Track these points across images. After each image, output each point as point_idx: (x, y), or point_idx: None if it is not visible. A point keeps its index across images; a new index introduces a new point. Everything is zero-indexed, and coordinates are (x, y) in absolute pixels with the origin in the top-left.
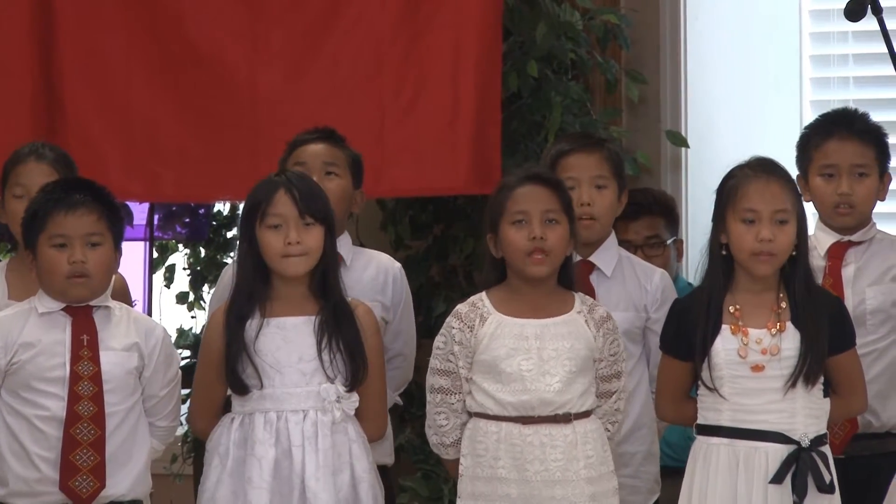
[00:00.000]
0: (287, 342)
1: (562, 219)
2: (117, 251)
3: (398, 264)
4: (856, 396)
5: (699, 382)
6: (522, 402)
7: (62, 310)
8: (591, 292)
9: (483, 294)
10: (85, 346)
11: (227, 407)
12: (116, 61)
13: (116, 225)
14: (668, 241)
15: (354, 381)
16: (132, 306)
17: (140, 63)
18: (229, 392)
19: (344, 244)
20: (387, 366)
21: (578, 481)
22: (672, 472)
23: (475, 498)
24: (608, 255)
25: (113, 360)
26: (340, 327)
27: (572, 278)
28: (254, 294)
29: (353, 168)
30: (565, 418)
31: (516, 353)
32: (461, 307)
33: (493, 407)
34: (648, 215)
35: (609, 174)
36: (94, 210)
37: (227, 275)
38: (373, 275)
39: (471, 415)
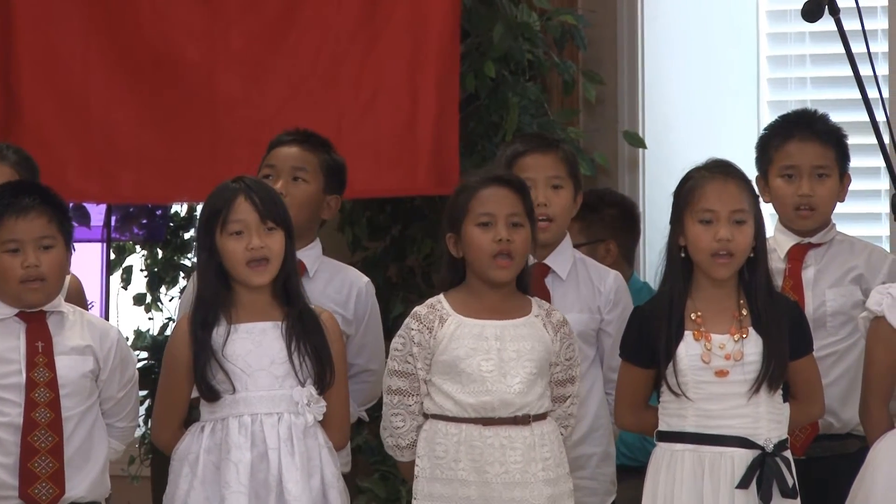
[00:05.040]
0: (257, 346)
1: (525, 222)
2: (69, 251)
3: (366, 279)
4: (814, 402)
5: (660, 390)
6: (483, 403)
7: (16, 315)
8: (546, 295)
9: (441, 296)
10: (40, 352)
11: (187, 421)
12: (74, 62)
13: (66, 225)
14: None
15: (322, 385)
16: (88, 308)
17: (98, 64)
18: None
19: (312, 254)
20: (353, 380)
21: (537, 483)
22: (629, 471)
23: (433, 499)
24: (563, 258)
25: (68, 364)
26: (307, 332)
27: (528, 281)
28: (217, 302)
29: (326, 173)
30: (524, 420)
31: (476, 353)
32: (419, 309)
33: (452, 408)
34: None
35: (565, 174)
36: (44, 213)
37: (192, 287)
38: (336, 288)
39: (427, 417)
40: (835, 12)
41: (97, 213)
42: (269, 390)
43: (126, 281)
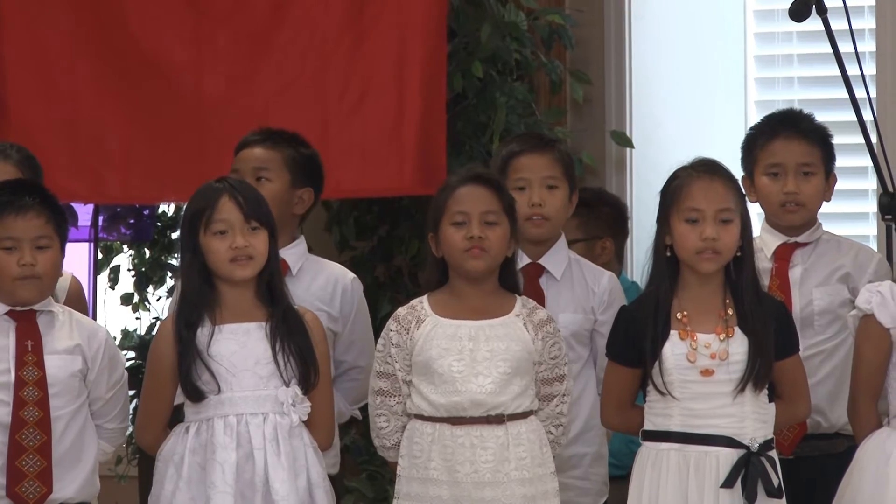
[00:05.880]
0: (242, 347)
1: (501, 220)
2: (63, 253)
3: (352, 275)
4: (800, 402)
5: (646, 389)
6: (454, 404)
7: (5, 314)
8: (540, 295)
9: (424, 297)
10: (29, 351)
11: (171, 422)
12: (62, 62)
13: (62, 227)
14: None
15: (307, 385)
16: (87, 311)
17: (86, 64)
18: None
19: (296, 252)
20: (342, 378)
21: (509, 483)
22: (617, 479)
23: (411, 499)
24: (558, 258)
25: (57, 363)
26: (291, 332)
27: (515, 280)
28: (200, 302)
29: (292, 168)
30: (498, 419)
31: (448, 353)
32: (400, 310)
33: (427, 408)
34: None
35: (560, 175)
36: (42, 213)
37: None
38: (321, 285)
39: (410, 417)
40: (822, 12)
41: (85, 212)
42: (254, 390)
43: (113, 281)
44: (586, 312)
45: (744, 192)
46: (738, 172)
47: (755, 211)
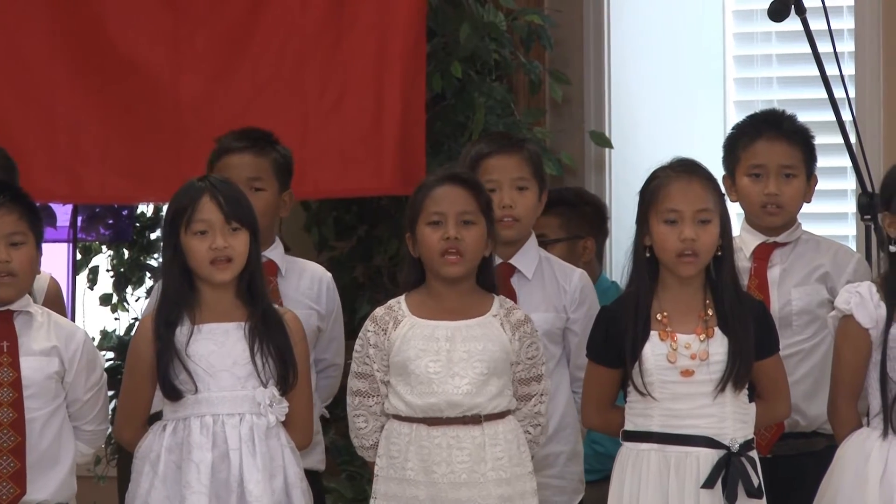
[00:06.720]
0: (220, 347)
1: (479, 220)
2: (39, 251)
3: (329, 274)
4: (780, 401)
5: (626, 390)
6: (430, 405)
7: None
8: (512, 295)
9: (402, 297)
10: (5, 352)
11: (150, 420)
12: (39, 63)
13: (37, 225)
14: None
15: (285, 386)
16: (65, 312)
17: (63, 64)
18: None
19: (278, 253)
20: (319, 375)
21: (486, 483)
22: (592, 483)
23: (388, 499)
24: (529, 258)
25: (33, 365)
26: (270, 333)
27: (492, 280)
28: (181, 301)
29: (278, 173)
30: (474, 420)
31: (425, 354)
32: (378, 310)
33: (403, 409)
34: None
35: (530, 175)
36: (14, 210)
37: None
38: (308, 284)
39: (388, 417)
40: (801, 12)
41: (63, 213)
42: (231, 391)
43: (92, 281)
44: (558, 311)
45: (723, 191)
46: (717, 173)
47: (735, 210)
